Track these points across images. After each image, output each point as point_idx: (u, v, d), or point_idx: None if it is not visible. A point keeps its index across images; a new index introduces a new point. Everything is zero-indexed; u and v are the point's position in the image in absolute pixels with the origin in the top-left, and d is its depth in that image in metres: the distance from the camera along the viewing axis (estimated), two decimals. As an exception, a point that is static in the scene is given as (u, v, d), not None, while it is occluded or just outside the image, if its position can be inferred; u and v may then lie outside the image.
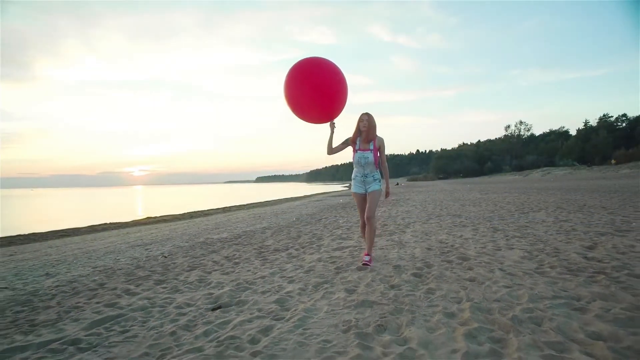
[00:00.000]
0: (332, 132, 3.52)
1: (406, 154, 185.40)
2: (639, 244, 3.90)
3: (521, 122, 78.86)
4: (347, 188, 44.35)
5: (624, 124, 57.54)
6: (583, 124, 63.00)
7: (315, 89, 3.30)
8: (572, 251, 3.72)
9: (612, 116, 59.33)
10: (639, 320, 1.94)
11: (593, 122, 61.15)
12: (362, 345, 1.87)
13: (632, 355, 1.63)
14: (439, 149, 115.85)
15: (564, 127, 76.62)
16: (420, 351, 1.79)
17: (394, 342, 1.92)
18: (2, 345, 2.17)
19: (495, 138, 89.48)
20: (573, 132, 68.43)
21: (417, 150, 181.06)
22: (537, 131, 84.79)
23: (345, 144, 3.59)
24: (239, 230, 7.61)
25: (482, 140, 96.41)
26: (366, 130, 3.47)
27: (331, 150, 3.58)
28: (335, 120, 3.57)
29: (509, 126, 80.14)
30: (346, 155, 3.71)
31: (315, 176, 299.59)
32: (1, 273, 5.17)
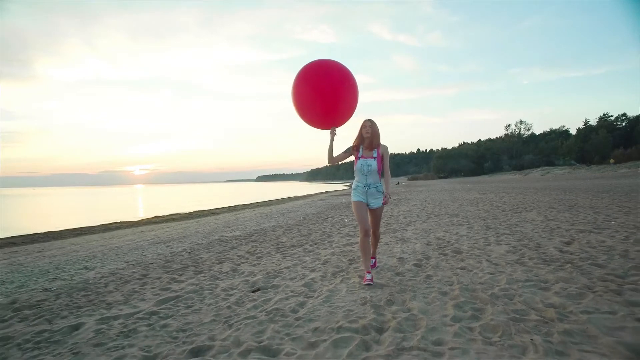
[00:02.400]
0: (332, 139, 3.36)
1: (407, 152, 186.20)
2: (610, 239, 4.49)
3: (521, 122, 79.37)
4: (348, 187, 44.93)
5: (623, 124, 58.01)
6: (583, 124, 63.38)
7: (319, 96, 3.18)
8: (551, 246, 4.33)
9: (611, 115, 59.76)
10: (585, 295, 2.57)
11: (593, 121, 61.57)
12: (376, 313, 2.51)
13: (570, 315, 2.26)
14: (440, 148, 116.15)
15: (564, 127, 77.19)
16: (419, 316, 2.41)
17: (400, 310, 2.55)
18: (95, 316, 2.79)
19: (496, 137, 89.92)
20: (573, 132, 68.83)
21: (418, 149, 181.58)
22: (537, 130, 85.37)
23: (347, 153, 3.43)
24: (251, 229, 8.12)
25: (482, 139, 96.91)
26: (369, 137, 3.29)
27: (332, 159, 3.43)
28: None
29: (509, 125, 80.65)
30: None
31: (315, 175, 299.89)
32: (42, 267, 5.73)
